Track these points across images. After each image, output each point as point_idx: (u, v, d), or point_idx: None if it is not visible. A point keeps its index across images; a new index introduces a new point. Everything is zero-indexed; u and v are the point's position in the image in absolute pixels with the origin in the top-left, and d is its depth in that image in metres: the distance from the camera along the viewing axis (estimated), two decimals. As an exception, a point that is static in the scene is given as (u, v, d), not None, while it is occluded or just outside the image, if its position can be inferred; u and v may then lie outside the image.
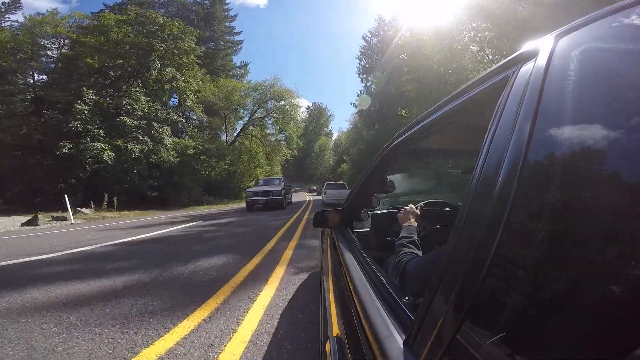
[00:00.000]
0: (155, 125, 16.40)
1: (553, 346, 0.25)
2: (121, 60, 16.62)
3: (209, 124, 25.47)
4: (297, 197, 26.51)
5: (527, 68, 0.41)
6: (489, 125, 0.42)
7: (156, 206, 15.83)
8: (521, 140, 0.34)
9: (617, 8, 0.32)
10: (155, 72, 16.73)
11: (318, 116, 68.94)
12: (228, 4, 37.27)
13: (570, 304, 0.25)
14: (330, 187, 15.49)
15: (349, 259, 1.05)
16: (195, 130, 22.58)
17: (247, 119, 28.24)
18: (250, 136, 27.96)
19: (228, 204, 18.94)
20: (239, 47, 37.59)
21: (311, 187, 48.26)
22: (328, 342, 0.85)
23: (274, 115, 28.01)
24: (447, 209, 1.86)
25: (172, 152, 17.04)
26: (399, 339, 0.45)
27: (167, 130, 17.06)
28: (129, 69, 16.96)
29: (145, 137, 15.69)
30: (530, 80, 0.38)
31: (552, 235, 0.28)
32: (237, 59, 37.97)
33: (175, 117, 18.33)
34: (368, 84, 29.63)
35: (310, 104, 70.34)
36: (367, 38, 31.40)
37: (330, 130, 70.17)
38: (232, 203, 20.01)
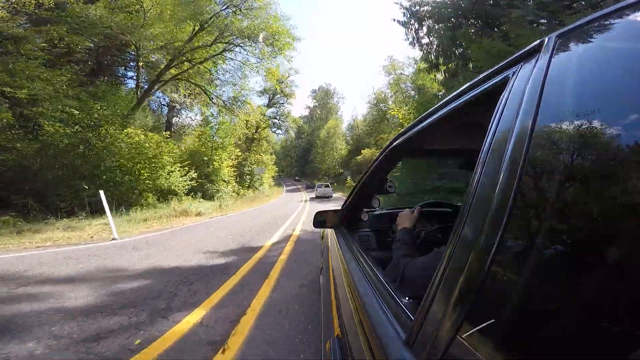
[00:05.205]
0: None
1: (553, 346, 0.25)
2: None
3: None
4: (289, 199, 19.50)
5: (527, 68, 0.41)
6: (489, 125, 0.42)
7: None
8: (521, 140, 0.34)
9: (617, 8, 0.32)
10: None
11: (325, 100, 55.53)
12: None
13: (570, 305, 0.25)
14: (320, 187, 23.61)
15: (349, 259, 1.05)
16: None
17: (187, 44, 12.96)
18: (187, 84, 14.84)
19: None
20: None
21: (294, 177, 42.83)
22: (328, 342, 0.85)
23: (239, 43, 14.83)
24: (447, 209, 1.86)
25: None
26: (399, 339, 0.45)
27: None
28: None
29: None
30: (530, 80, 0.38)
31: (552, 235, 0.28)
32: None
33: None
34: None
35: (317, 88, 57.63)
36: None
37: (341, 116, 56.13)
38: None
